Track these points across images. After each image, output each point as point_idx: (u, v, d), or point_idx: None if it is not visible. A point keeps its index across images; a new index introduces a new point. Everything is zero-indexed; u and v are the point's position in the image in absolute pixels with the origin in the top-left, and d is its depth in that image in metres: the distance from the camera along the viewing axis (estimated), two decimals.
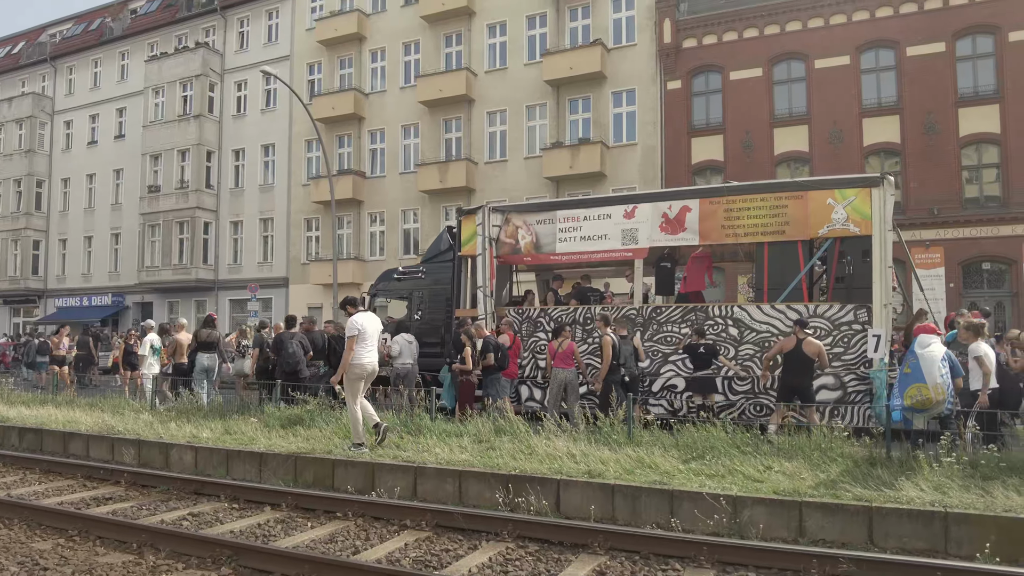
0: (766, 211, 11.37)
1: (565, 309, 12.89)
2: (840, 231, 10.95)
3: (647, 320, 12.03)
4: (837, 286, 11.44)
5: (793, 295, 11.14)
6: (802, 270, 11.15)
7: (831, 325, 10.77)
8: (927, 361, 7.61)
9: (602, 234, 12.57)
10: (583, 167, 27.20)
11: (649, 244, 12.31)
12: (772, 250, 11.47)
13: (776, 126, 25.64)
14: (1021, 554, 5.75)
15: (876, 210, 10.68)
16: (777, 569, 5.69)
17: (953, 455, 7.27)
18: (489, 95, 30.18)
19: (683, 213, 11.91)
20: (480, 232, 13.33)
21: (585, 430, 9.43)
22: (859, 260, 11.13)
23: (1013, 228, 22.55)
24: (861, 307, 10.68)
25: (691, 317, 11.73)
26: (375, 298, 15.79)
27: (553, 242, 13.03)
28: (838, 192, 11.00)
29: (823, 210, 10.98)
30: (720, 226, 11.67)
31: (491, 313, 12.99)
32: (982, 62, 23.58)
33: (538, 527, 6.71)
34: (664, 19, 27.04)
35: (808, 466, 7.59)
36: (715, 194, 12.05)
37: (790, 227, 11.21)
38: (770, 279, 11.43)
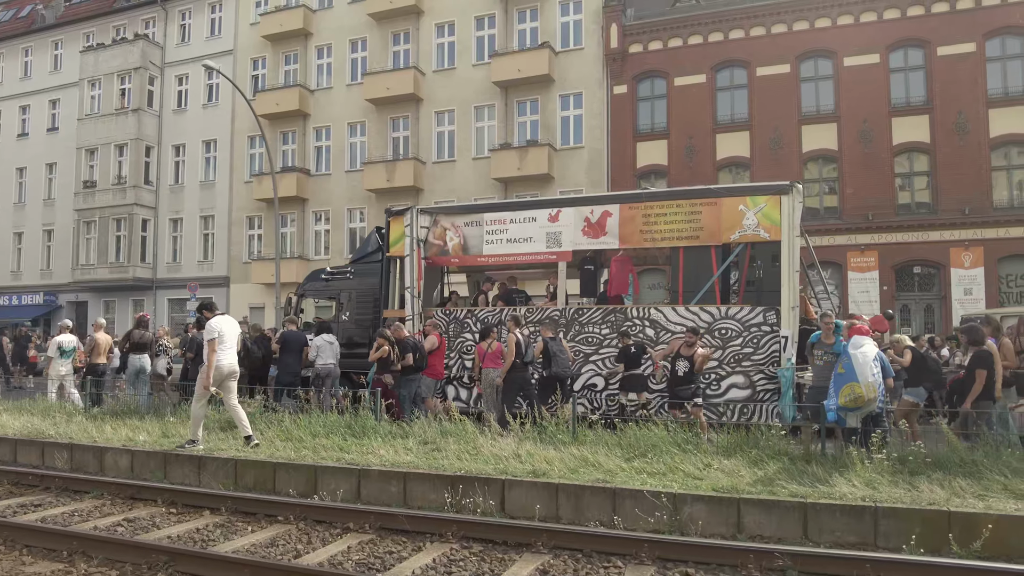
0: (682, 217, 11.80)
1: (491, 310, 13.08)
2: (751, 236, 11.37)
3: (570, 321, 12.29)
4: (748, 289, 11.86)
5: (706, 298, 11.56)
6: (715, 274, 11.57)
7: (742, 326, 11.20)
8: (860, 361, 7.89)
9: (527, 237, 12.82)
10: (531, 169, 27.33)
11: (572, 247, 12.61)
12: (687, 254, 11.91)
13: (718, 132, 26.20)
14: (943, 544, 6.00)
15: (785, 216, 11.11)
16: (715, 564, 5.83)
17: (883, 452, 7.56)
18: (437, 95, 30.08)
19: (604, 218, 12.28)
20: (408, 233, 13.43)
21: (532, 430, 9.48)
22: (769, 264, 11.57)
23: (942, 234, 23.52)
24: (770, 309, 11.10)
25: (611, 319, 12.05)
26: (303, 298, 15.63)
27: (480, 244, 13.21)
28: (749, 199, 11.44)
29: (735, 216, 11.41)
30: (639, 231, 12.07)
31: (419, 314, 13.13)
32: (913, 74, 24.53)
33: (483, 527, 6.72)
34: (611, 24, 27.37)
35: (746, 464, 7.79)
36: (634, 200, 12.48)
37: (704, 232, 11.64)
38: (685, 282, 11.87)
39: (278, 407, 11.48)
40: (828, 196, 25.28)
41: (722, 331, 11.33)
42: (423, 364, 11.83)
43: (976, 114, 23.47)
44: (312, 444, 9.41)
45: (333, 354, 12.85)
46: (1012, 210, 23.22)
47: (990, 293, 22.70)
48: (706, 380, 11.14)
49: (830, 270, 24.66)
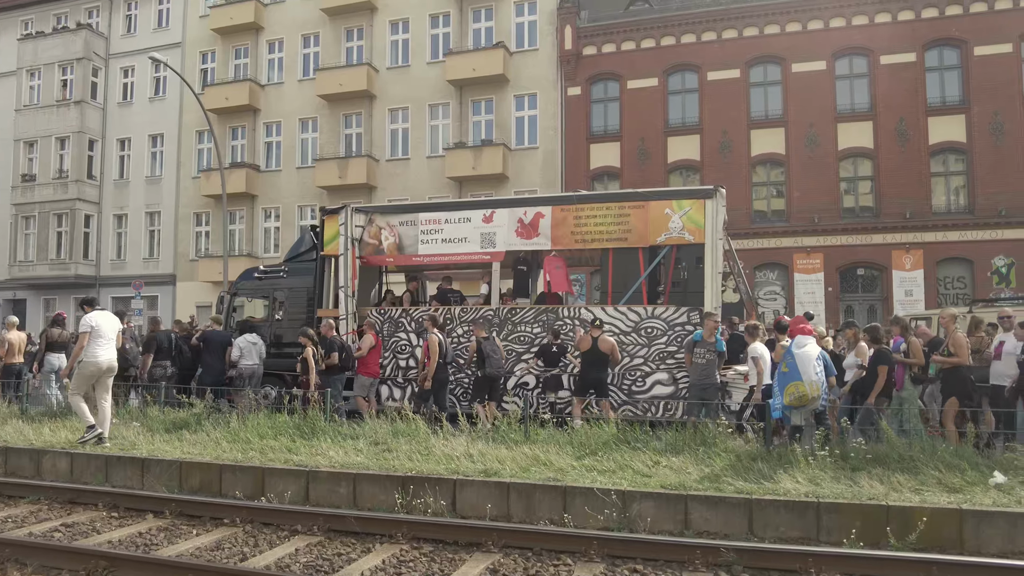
0: (611, 219, 12.11)
1: (426, 310, 13.10)
2: (676, 239, 11.74)
3: (503, 321, 12.41)
4: (673, 290, 12.16)
5: (634, 298, 11.87)
6: (642, 275, 11.88)
7: (667, 326, 11.55)
8: (803, 360, 8.09)
9: (462, 237, 12.95)
10: (486, 168, 27.34)
11: (506, 248, 12.77)
12: (616, 256, 12.23)
13: (670, 135, 26.58)
14: (882, 537, 6.20)
15: (709, 220, 11.51)
16: (663, 561, 5.91)
17: (826, 448, 7.77)
18: (391, 92, 29.86)
19: (537, 219, 12.50)
20: (343, 232, 13.39)
21: (484, 430, 9.50)
22: (693, 266, 11.92)
23: (884, 237, 24.27)
24: (694, 309, 11.48)
25: (543, 318, 12.25)
26: (235, 297, 15.42)
27: (415, 244, 13.26)
28: (675, 203, 11.84)
29: (661, 219, 11.78)
30: (570, 232, 12.32)
31: (352, 313, 13.09)
32: (858, 81, 25.26)
33: (433, 527, 6.70)
34: (565, 26, 27.54)
35: (694, 461, 7.92)
36: (566, 202, 12.73)
37: (632, 235, 11.97)
38: (614, 283, 12.18)
39: (209, 406, 11.27)
40: (775, 199, 25.86)
41: (648, 330, 11.67)
42: (350, 364, 11.88)
43: (916, 122, 24.28)
44: (260, 445, 9.25)
45: (257, 354, 12.72)
46: (949, 215, 24.10)
47: (929, 294, 23.51)
48: (632, 377, 11.51)
49: (777, 271, 25.31)
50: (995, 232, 23.39)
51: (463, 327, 12.58)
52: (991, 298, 20.30)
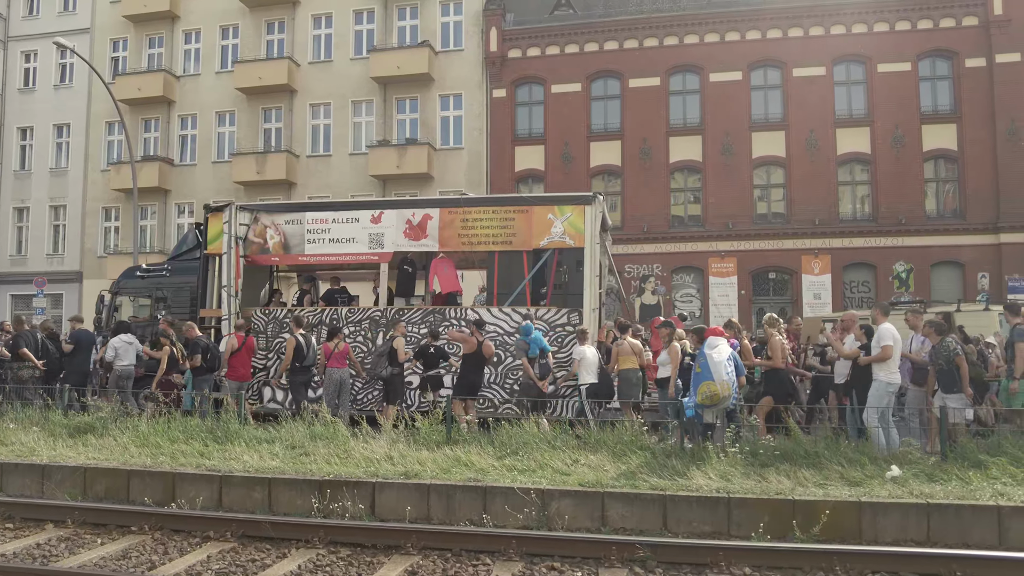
0: (497, 223, 12.41)
1: (312, 310, 13.01)
2: (558, 243, 12.12)
3: (390, 321, 12.41)
4: (555, 292, 12.54)
5: (518, 300, 12.15)
6: (526, 277, 12.16)
7: (548, 327, 11.83)
8: (715, 361, 8.38)
9: (350, 237, 12.93)
10: (410, 167, 27.14)
11: (394, 248, 12.84)
12: (501, 258, 12.51)
13: (592, 140, 27.02)
14: (788, 530, 6.48)
15: (588, 225, 11.94)
16: (580, 558, 6.02)
17: (736, 445, 8.07)
18: (313, 87, 29.28)
19: (425, 221, 12.65)
20: (227, 231, 13.19)
21: (405, 431, 9.44)
22: (573, 269, 12.34)
23: (794, 242, 25.35)
24: (574, 311, 11.83)
25: (430, 319, 12.35)
26: (116, 296, 14.89)
27: (302, 243, 13.13)
28: (557, 208, 12.22)
29: (544, 224, 12.15)
30: (457, 234, 12.54)
31: (235, 313, 12.88)
32: (772, 92, 26.30)
33: (351, 531, 6.63)
34: (491, 27, 27.63)
35: (611, 458, 8.09)
36: (453, 205, 12.95)
37: (516, 238, 12.28)
38: (499, 284, 12.45)
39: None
40: (692, 205, 26.64)
41: None
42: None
43: (825, 133, 25.45)
44: (170, 450, 8.93)
45: (133, 354, 12.35)
46: (855, 222, 25.37)
47: (836, 298, 24.68)
48: (514, 376, 11.71)
49: (693, 275, 26.07)
50: (896, 239, 24.76)
51: (349, 328, 12.47)
52: (892, 301, 21.50)
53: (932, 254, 24.61)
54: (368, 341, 12.51)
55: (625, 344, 10.62)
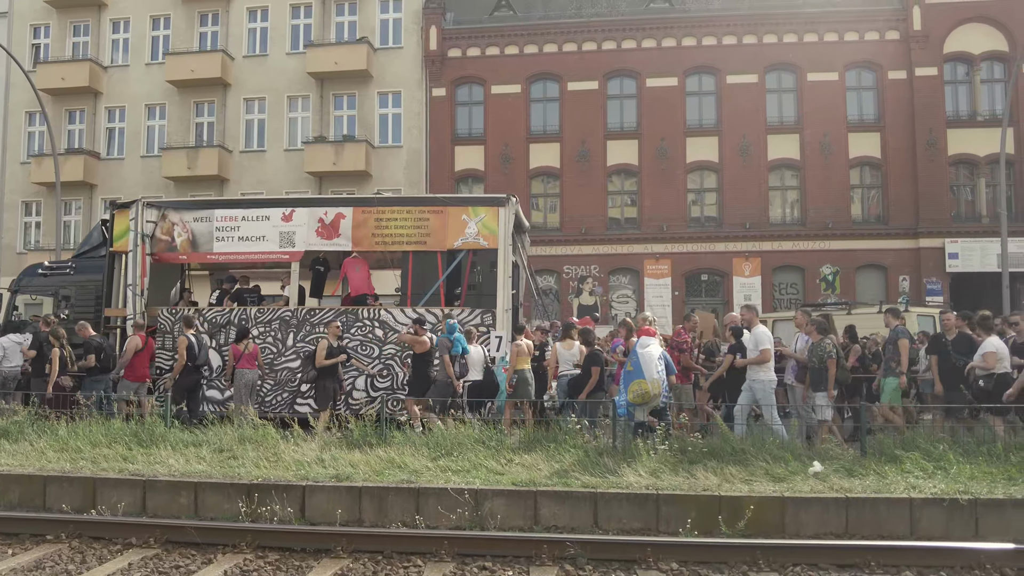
0: (411, 223, 12.41)
1: (220, 310, 12.78)
2: (472, 244, 12.22)
3: (301, 322, 12.29)
4: (469, 293, 12.64)
5: (432, 300, 12.22)
6: (440, 277, 12.24)
7: (462, 327, 11.74)
8: (646, 360, 8.54)
9: (260, 235, 12.74)
10: (347, 165, 26.80)
11: (305, 247, 12.71)
12: (415, 258, 12.53)
13: (532, 141, 27.19)
14: (714, 526, 6.64)
15: (502, 226, 12.08)
16: (512, 557, 6.05)
17: (666, 443, 8.23)
18: (247, 81, 28.63)
19: (338, 220, 12.55)
20: (133, 228, 12.83)
21: (338, 433, 9.32)
22: (487, 270, 12.45)
23: (726, 245, 26.02)
24: (487, 311, 11.94)
25: (342, 319, 12.20)
26: (16, 295, 14.37)
27: (210, 241, 12.88)
28: (471, 209, 12.32)
29: (459, 225, 12.22)
30: (371, 234, 12.49)
31: (141, 313, 12.53)
32: (706, 98, 26.93)
33: (280, 535, 6.52)
34: (431, 26, 27.52)
35: (545, 457, 8.14)
36: (367, 204, 12.93)
37: (431, 239, 12.30)
38: (413, 285, 12.47)
39: None
40: (629, 208, 27.07)
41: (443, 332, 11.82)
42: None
43: (757, 139, 26.21)
44: (91, 455, 8.60)
45: (21, 356, 11.84)
46: (784, 226, 26.20)
47: (766, 299, 25.40)
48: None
49: (629, 276, 26.49)
50: (823, 243, 25.67)
51: (258, 328, 12.24)
52: (819, 303, 22.27)
53: (857, 257, 25.62)
54: (278, 342, 12.26)
55: (522, 344, 10.64)
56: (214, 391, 12.32)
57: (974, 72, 25.93)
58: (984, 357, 8.95)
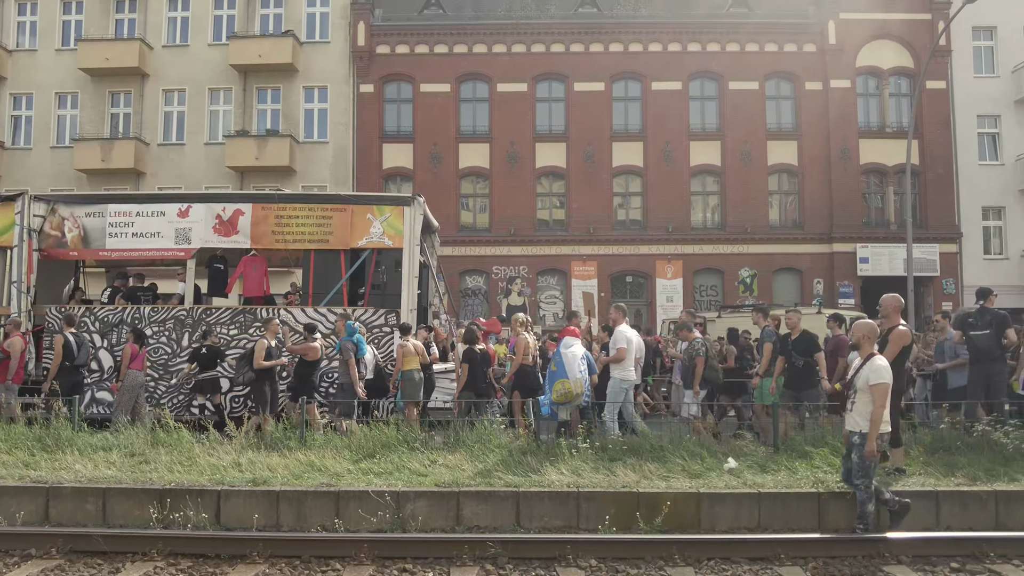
0: (313, 221, 12.24)
1: (112, 309, 12.37)
2: (376, 243, 12.12)
3: (196, 321, 12.02)
4: (373, 293, 12.53)
5: (335, 300, 12.09)
6: (343, 277, 12.13)
7: (366, 328, 11.75)
8: (569, 360, 8.65)
9: (155, 232, 12.40)
10: (271, 160, 26.18)
11: (202, 244, 12.42)
12: (317, 257, 12.42)
13: (461, 142, 27.14)
14: (633, 522, 6.77)
15: (407, 226, 12.04)
16: (433, 558, 6.04)
17: (588, 441, 8.35)
18: (167, 72, 27.60)
19: (236, 216, 12.31)
20: (19, 222, 12.30)
21: (255, 436, 9.08)
22: (392, 270, 12.40)
23: (650, 248, 26.59)
24: (391, 312, 11.90)
25: (240, 319, 12.05)
26: None
27: (103, 237, 12.44)
28: (376, 208, 12.26)
29: (363, 224, 12.15)
30: (271, 231, 12.27)
31: (27, 311, 12.06)
32: (632, 104, 27.45)
33: (193, 541, 6.33)
34: (359, 22, 27.14)
35: (469, 458, 8.14)
36: (267, 200, 12.70)
37: (334, 237, 12.14)
38: (315, 284, 12.35)
39: None
40: (557, 210, 27.35)
41: None
42: None
43: (680, 145, 26.86)
44: None
45: None
46: (705, 230, 26.95)
47: (687, 300, 26.05)
48: (330, 379, 11.55)
49: (557, 277, 26.76)
50: (742, 247, 26.52)
51: (152, 328, 11.88)
52: (737, 304, 23.00)
53: (774, 261, 26.58)
54: (173, 342, 11.89)
55: (408, 345, 10.65)
56: (104, 392, 11.79)
57: (883, 86, 27.28)
58: None
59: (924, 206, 26.60)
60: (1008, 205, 26.85)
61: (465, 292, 26.82)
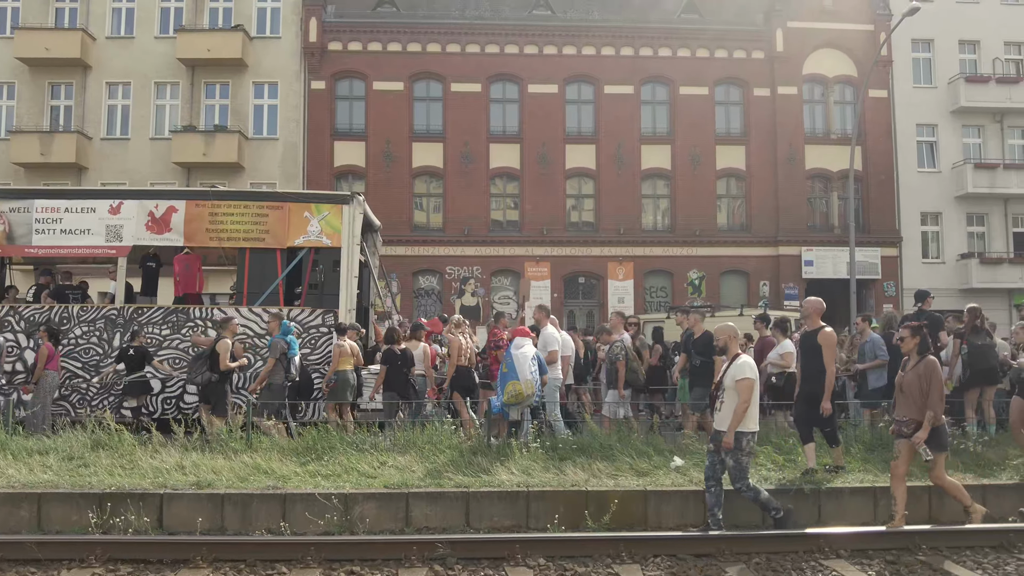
0: (249, 218, 11.98)
1: (38, 308, 11.95)
2: (314, 242, 11.90)
3: (128, 321, 11.67)
4: (310, 292, 12.35)
5: (270, 300, 11.85)
6: (279, 276, 11.90)
7: (302, 328, 11.52)
8: (520, 360, 8.68)
9: (85, 228, 11.98)
10: (219, 156, 25.65)
11: (134, 242, 12.07)
12: (253, 256, 12.14)
13: (415, 140, 27.00)
14: (581, 520, 6.84)
15: (346, 225, 11.83)
16: (381, 560, 5.99)
17: (538, 441, 8.40)
18: (111, 64, 26.79)
19: (169, 213, 11.98)
20: None
21: (200, 439, 8.89)
22: (330, 270, 12.26)
23: (602, 250, 26.86)
24: (329, 312, 11.70)
25: (172, 319, 11.76)
26: None
27: (29, 234, 11.96)
28: (314, 206, 12.01)
29: (300, 222, 11.90)
30: (205, 229, 11.93)
31: None
32: (584, 107, 27.69)
33: (134, 547, 6.16)
34: (311, 17, 26.77)
35: (420, 459, 8.10)
36: (201, 197, 12.43)
37: (270, 235, 11.87)
38: (250, 283, 12.07)
39: None
40: (511, 211, 27.42)
41: None
42: None
43: (631, 148, 27.20)
44: None
45: None
46: (656, 232, 27.35)
47: (638, 301, 26.41)
48: None
49: (510, 277, 26.81)
50: (691, 249, 26.98)
51: (82, 327, 11.53)
52: (686, 306, 23.37)
53: (722, 263, 27.12)
54: (104, 343, 11.52)
55: (345, 345, 10.53)
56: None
57: (829, 93, 28.06)
58: (782, 356, 9.70)
59: (866, 211, 27.44)
60: (945, 211, 27.90)
61: (418, 292, 26.69)
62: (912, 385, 6.73)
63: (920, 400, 6.64)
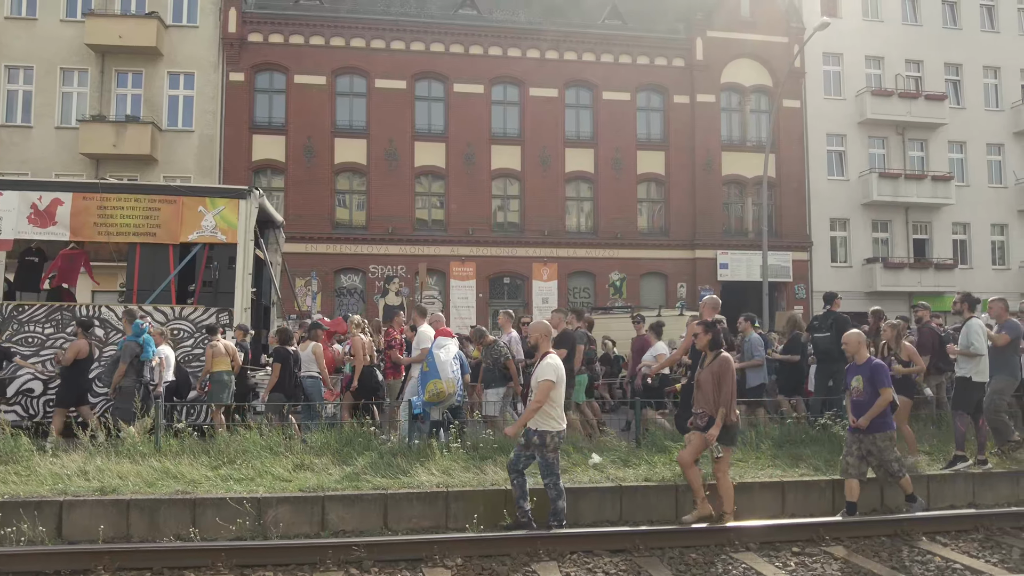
0: (140, 212, 11.52)
1: None
2: (209, 238, 11.48)
3: (7, 319, 11.07)
4: (204, 290, 12.00)
5: (162, 297, 11.48)
6: (171, 273, 11.52)
7: (194, 327, 11.23)
8: (442, 360, 8.65)
9: None
10: (130, 148, 24.55)
11: (15, 236, 11.49)
12: (144, 251, 11.67)
13: (337, 136, 26.54)
14: (501, 519, 6.85)
15: (242, 220, 11.43)
16: (295, 564, 5.86)
17: (459, 441, 8.38)
18: (11, 46, 25.27)
19: (54, 206, 11.41)
20: None
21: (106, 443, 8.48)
22: (225, 267, 11.90)
23: (527, 250, 27.06)
24: (223, 310, 11.39)
25: (56, 317, 11.24)
26: None
27: None
28: (209, 201, 11.61)
29: (194, 217, 11.45)
30: (93, 223, 11.39)
31: None
32: (510, 108, 27.81)
33: (27, 558, 5.81)
34: (230, 7, 25.92)
35: (337, 461, 7.96)
36: (89, 189, 11.90)
37: (161, 230, 11.43)
38: (140, 280, 11.63)
39: None
40: (436, 211, 27.30)
41: (175, 332, 11.24)
42: None
43: (556, 151, 27.50)
44: None
45: None
46: (580, 234, 27.74)
47: (562, 302, 26.62)
48: (155, 382, 10.73)
49: (436, 277, 26.67)
50: (613, 251, 27.49)
51: None
52: (607, 307, 23.83)
53: (642, 265, 27.74)
54: None
55: (219, 345, 10.31)
56: None
57: (745, 102, 29.06)
58: (656, 358, 9.95)
59: (779, 216, 28.54)
60: (852, 218, 29.34)
61: (340, 291, 26.25)
62: (707, 382, 6.94)
63: (714, 396, 6.85)
